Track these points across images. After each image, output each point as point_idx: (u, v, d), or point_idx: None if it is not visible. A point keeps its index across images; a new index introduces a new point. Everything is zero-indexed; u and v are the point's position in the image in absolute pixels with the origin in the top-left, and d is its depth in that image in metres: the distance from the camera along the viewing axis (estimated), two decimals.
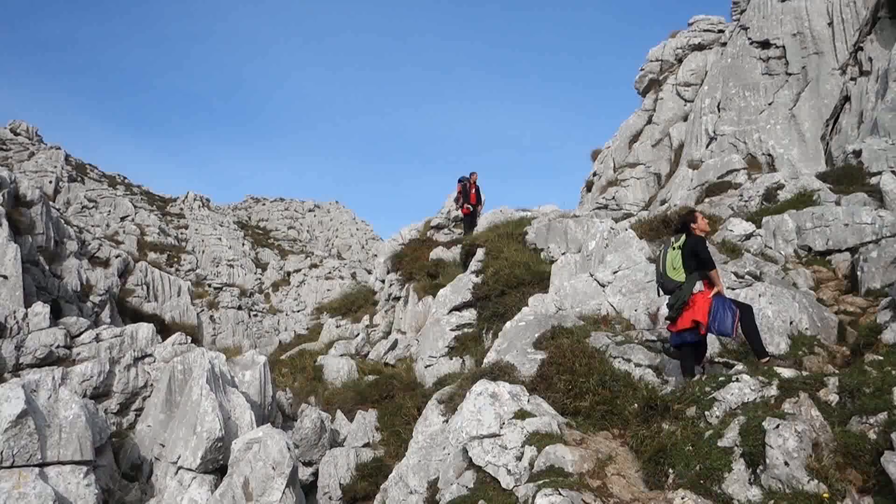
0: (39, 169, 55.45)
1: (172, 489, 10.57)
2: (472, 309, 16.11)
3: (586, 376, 8.21)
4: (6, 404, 10.21)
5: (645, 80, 31.80)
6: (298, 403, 15.91)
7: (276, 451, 9.75)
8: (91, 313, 25.21)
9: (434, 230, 25.67)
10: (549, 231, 17.62)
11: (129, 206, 57.81)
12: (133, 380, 15.51)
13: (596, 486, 6.12)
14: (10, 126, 67.98)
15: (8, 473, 9.76)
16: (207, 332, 41.06)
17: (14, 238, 21.25)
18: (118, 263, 32.21)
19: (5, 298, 19.19)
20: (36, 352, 16.07)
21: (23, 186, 24.69)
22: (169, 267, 48.59)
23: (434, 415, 10.02)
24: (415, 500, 8.12)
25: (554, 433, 7.07)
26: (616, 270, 12.05)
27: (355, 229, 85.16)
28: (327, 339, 21.22)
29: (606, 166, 31.49)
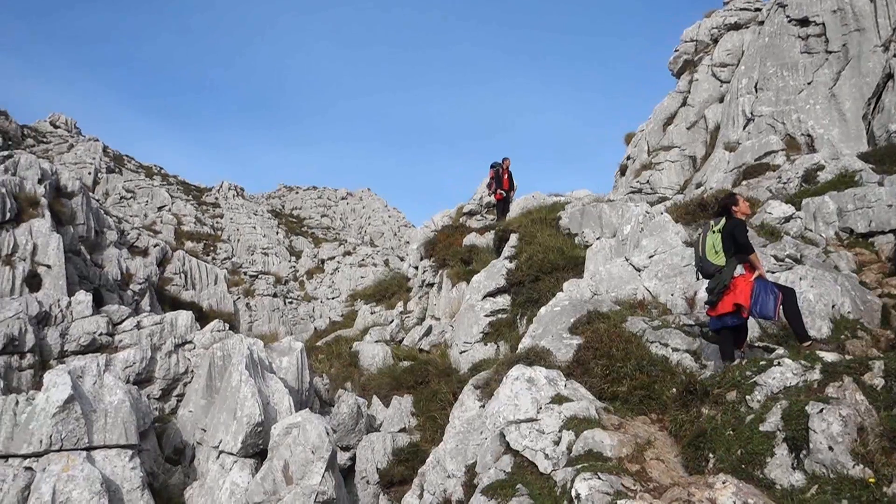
0: (79, 161, 56.60)
1: (214, 473, 10.80)
2: (506, 295, 16.09)
3: (623, 361, 8.17)
4: (53, 390, 10.52)
5: (679, 62, 31.29)
6: (335, 389, 16.10)
7: (315, 435, 9.90)
8: (131, 301, 25.78)
9: (466, 216, 25.67)
10: (584, 216, 17.51)
11: (166, 196, 58.78)
12: (174, 366, 15.83)
13: (635, 471, 6.11)
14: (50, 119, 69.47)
15: (57, 457, 10.07)
16: (244, 319, 41.69)
17: (56, 228, 21.77)
18: (156, 252, 32.86)
19: (49, 288, 19.70)
20: (80, 339, 16.47)
21: (63, 178, 25.25)
22: (205, 255, 49.36)
23: (470, 400, 10.07)
24: (453, 485, 8.18)
25: (592, 418, 7.06)
26: (652, 255, 11.93)
27: (387, 217, 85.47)
28: (362, 325, 21.39)
29: (640, 150, 31.11)
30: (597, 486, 5.63)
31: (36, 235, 20.48)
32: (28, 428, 10.36)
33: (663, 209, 15.18)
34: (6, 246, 19.66)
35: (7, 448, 10.38)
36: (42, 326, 16.50)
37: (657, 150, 29.22)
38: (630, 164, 31.54)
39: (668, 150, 28.54)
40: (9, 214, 20.47)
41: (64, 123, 68.15)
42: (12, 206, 20.74)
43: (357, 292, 29.48)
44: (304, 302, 50.97)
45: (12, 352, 15.38)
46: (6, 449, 10.38)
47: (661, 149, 29.04)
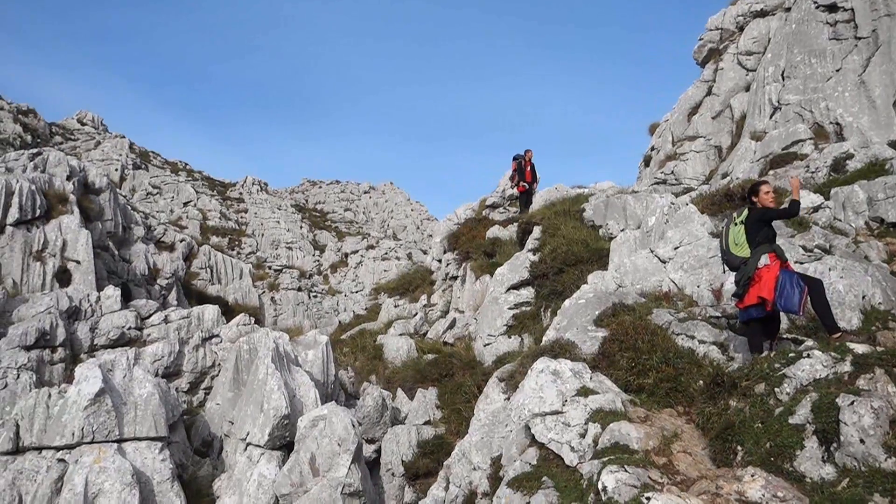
0: (105, 157, 57.37)
1: (242, 464, 10.93)
2: (530, 287, 16.06)
3: (649, 353, 8.12)
4: (85, 383, 10.71)
5: (704, 50, 30.87)
6: (360, 382, 16.20)
7: (340, 428, 9.97)
8: (159, 296, 26.11)
9: (489, 209, 25.64)
10: (608, 207, 17.39)
11: (192, 192, 59.38)
12: (201, 359, 16.03)
13: (662, 464, 6.08)
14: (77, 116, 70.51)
15: (89, 449, 10.26)
16: (269, 313, 42.05)
17: (85, 224, 22.09)
18: (183, 247, 33.22)
19: (79, 283, 20.02)
20: (109, 333, 16.73)
21: (91, 174, 25.59)
22: (230, 250, 49.83)
23: (495, 392, 10.08)
24: (478, 477, 8.20)
25: (618, 410, 7.03)
26: (677, 246, 11.83)
27: (410, 210, 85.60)
28: (386, 318, 21.47)
29: (665, 140, 30.79)
30: (623, 479, 5.61)
31: (65, 231, 20.81)
32: (60, 420, 10.56)
33: (688, 200, 15.04)
34: (37, 242, 20.00)
35: (40, 440, 10.59)
36: (72, 321, 16.78)
37: (682, 141, 28.91)
38: (654, 154, 31.24)
39: (692, 140, 28.21)
40: (38, 211, 20.82)
41: (91, 121, 69.18)
42: (42, 202, 21.09)
43: (380, 286, 29.57)
44: (328, 296, 51.29)
45: (44, 346, 15.67)
46: (40, 441, 10.60)
47: (685, 139, 28.73)
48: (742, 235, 7.81)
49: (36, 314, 16.26)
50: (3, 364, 14.64)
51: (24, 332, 15.41)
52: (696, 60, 31.97)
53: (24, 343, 15.30)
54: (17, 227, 19.96)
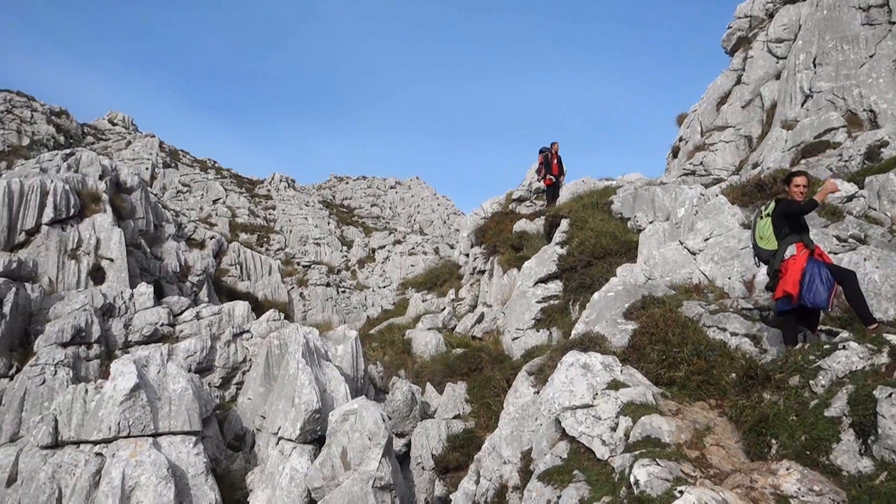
0: (136, 157, 58.23)
1: (274, 458, 11.06)
2: (558, 280, 16.00)
3: (680, 346, 8.05)
4: (120, 379, 10.91)
5: (733, 39, 30.40)
6: (389, 376, 16.28)
7: (371, 422, 10.04)
8: (190, 293, 26.48)
9: (516, 203, 25.58)
10: (636, 199, 17.24)
11: (220, 190, 60.07)
12: (233, 355, 16.22)
13: (694, 457, 6.03)
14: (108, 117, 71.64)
15: (125, 443, 10.46)
16: (298, 308, 42.42)
17: (117, 223, 22.47)
18: (213, 245, 33.64)
19: (112, 280, 20.38)
20: (142, 329, 17.00)
21: (123, 174, 26.00)
22: (259, 247, 50.33)
23: (524, 386, 10.08)
24: (509, 470, 8.21)
25: (649, 403, 6.98)
26: (707, 238, 11.70)
27: (436, 205, 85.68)
28: (414, 313, 21.54)
29: (693, 131, 30.40)
30: (656, 473, 5.58)
31: (99, 230, 21.18)
32: (97, 415, 10.77)
33: (718, 191, 14.85)
34: (71, 241, 20.38)
35: (78, 434, 10.82)
36: (107, 318, 17.09)
37: (711, 131, 28.53)
38: (682, 145, 30.88)
39: (722, 130, 27.83)
40: (73, 210, 21.21)
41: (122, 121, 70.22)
42: (76, 202, 21.48)
43: (408, 280, 29.67)
44: (356, 291, 51.58)
45: (79, 342, 15.98)
46: (78, 435, 10.83)
47: (714, 129, 28.34)
48: (768, 228, 7.70)
49: (71, 311, 16.59)
50: (41, 360, 14.97)
51: (61, 329, 15.73)
52: (725, 49, 31.51)
53: (61, 340, 15.62)
54: (52, 226, 20.36)
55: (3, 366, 15.63)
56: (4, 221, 19.74)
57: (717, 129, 28.50)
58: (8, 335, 15.96)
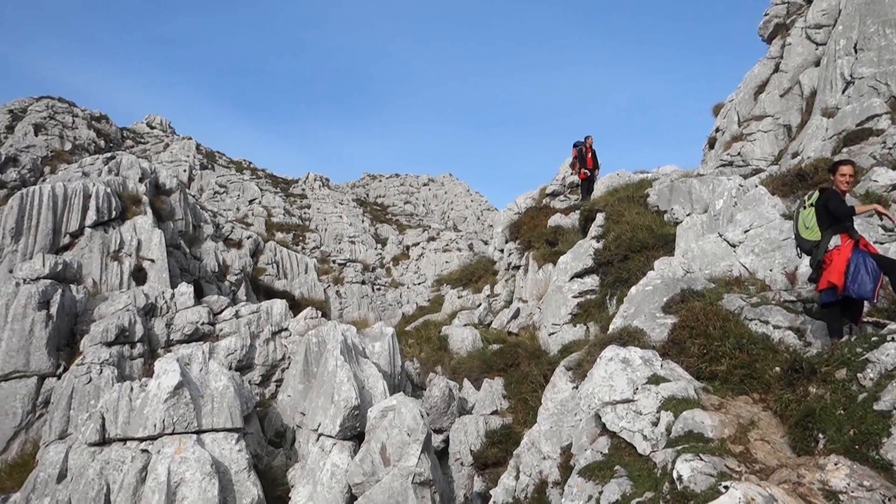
0: (174, 159, 59.23)
1: (315, 454, 11.18)
2: (594, 275, 15.89)
3: (721, 340, 7.93)
4: (164, 377, 11.13)
5: (770, 26, 29.80)
6: (426, 373, 16.34)
7: (410, 418, 10.09)
8: (228, 292, 26.88)
9: (550, 197, 25.44)
10: (672, 192, 17.02)
11: (256, 190, 60.81)
12: (272, 353, 16.43)
13: (738, 452, 5.94)
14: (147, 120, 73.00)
15: (170, 440, 10.67)
16: (334, 306, 42.76)
17: (157, 224, 22.90)
18: (250, 244, 34.06)
19: (154, 280, 20.78)
20: (184, 328, 17.31)
21: (162, 176, 26.48)
22: (295, 245, 50.85)
23: (562, 381, 10.03)
24: (548, 466, 8.19)
25: (690, 398, 6.90)
26: (747, 229, 11.50)
27: (469, 201, 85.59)
28: (450, 309, 21.58)
29: (730, 121, 29.89)
30: (699, 468, 5.51)
31: (140, 231, 21.62)
32: (143, 413, 11.01)
33: (758, 181, 14.60)
34: (114, 242, 20.84)
35: (125, 432, 11.07)
36: (149, 317, 17.44)
37: (748, 121, 28.01)
38: (719, 136, 30.38)
39: (759, 119, 27.30)
40: (114, 213, 21.68)
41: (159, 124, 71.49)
42: (117, 204, 21.94)
43: (443, 277, 29.73)
44: (391, 288, 51.82)
45: (123, 342, 16.34)
46: (124, 433, 11.08)
47: (752, 119, 27.83)
48: (812, 218, 7.52)
49: (115, 311, 16.96)
50: (87, 360, 15.34)
51: (105, 328, 16.10)
52: (762, 37, 30.91)
53: (106, 339, 15.99)
54: (94, 228, 20.83)
55: (51, 365, 16.06)
56: (50, 225, 20.26)
57: (754, 119, 27.99)
58: (55, 335, 16.38)
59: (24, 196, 20.46)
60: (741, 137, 27.55)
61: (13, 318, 16.04)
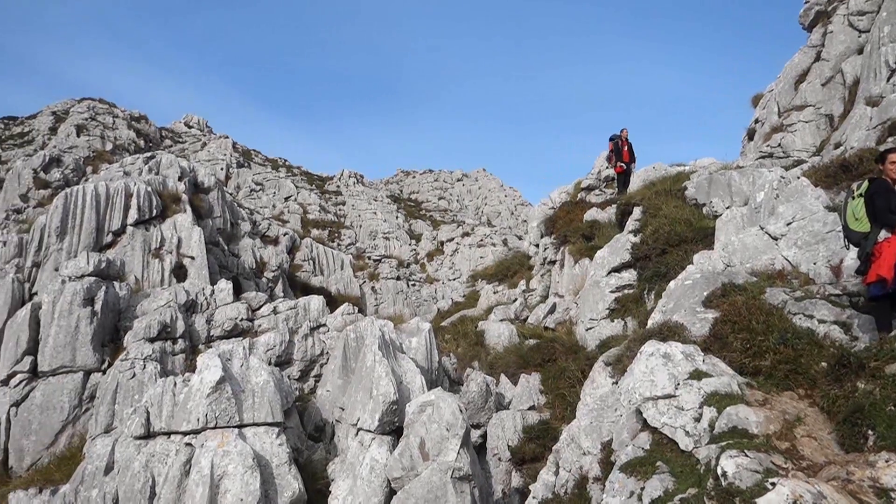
0: (211, 157, 60.15)
1: (354, 449, 11.29)
2: (632, 269, 15.74)
3: (765, 334, 7.80)
4: (206, 372, 11.33)
5: (811, 13, 29.15)
6: (462, 368, 16.36)
7: (448, 413, 10.12)
8: (266, 288, 27.22)
9: (585, 192, 25.25)
10: (711, 185, 16.77)
11: (292, 187, 61.46)
12: (310, 348, 16.61)
13: (785, 448, 5.84)
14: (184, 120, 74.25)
15: (213, 433, 10.86)
16: (370, 302, 43.04)
17: (196, 222, 23.27)
18: (286, 241, 34.45)
19: (194, 277, 21.13)
20: (223, 325, 17.57)
21: (200, 174, 26.90)
22: (330, 242, 51.29)
23: (601, 377, 9.97)
24: (589, 461, 8.15)
25: (734, 393, 6.81)
26: (790, 222, 11.28)
27: (503, 196, 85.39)
28: (485, 304, 21.57)
29: (770, 111, 29.32)
30: (744, 464, 5.44)
31: (179, 229, 22.00)
32: (186, 407, 11.22)
33: (800, 173, 14.30)
34: (155, 240, 21.24)
35: (169, 426, 11.30)
36: (190, 313, 17.75)
37: (789, 111, 27.46)
38: (758, 127, 29.84)
39: (800, 109, 26.74)
40: (155, 211, 22.09)
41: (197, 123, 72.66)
42: (157, 203, 22.35)
43: (478, 272, 29.72)
44: (425, 284, 51.97)
45: (165, 338, 16.66)
46: (168, 426, 11.31)
47: (792, 109, 27.26)
48: (861, 209, 7.35)
49: (157, 308, 17.30)
50: (131, 355, 15.68)
51: (148, 325, 16.43)
52: (802, 25, 30.26)
53: (148, 335, 16.32)
54: (136, 226, 21.25)
55: (97, 360, 16.44)
56: (93, 223, 20.72)
57: (795, 109, 27.42)
58: (100, 331, 16.77)
59: (69, 196, 20.96)
60: (781, 128, 27.02)
61: (59, 314, 16.45)
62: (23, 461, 15.49)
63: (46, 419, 15.76)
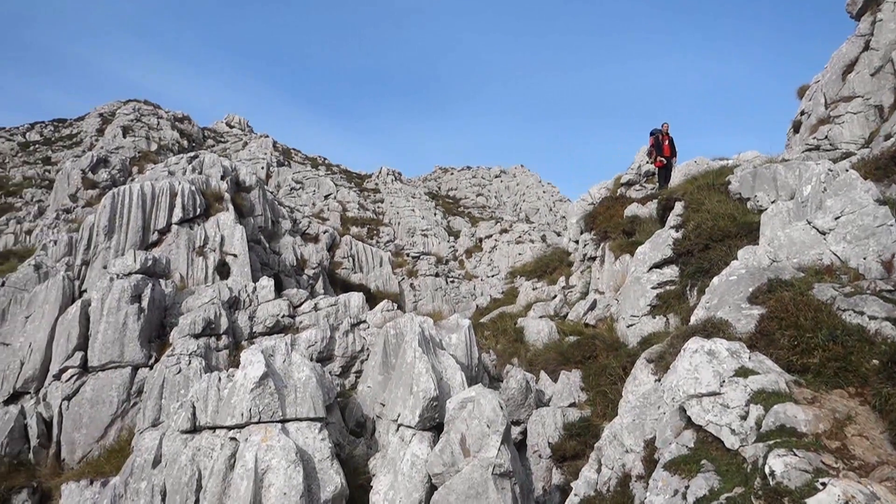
0: (252, 157, 61.03)
1: (395, 445, 11.36)
2: (674, 265, 15.54)
3: (813, 331, 7.62)
4: (250, 367, 11.51)
5: (859, 1, 28.34)
6: (502, 365, 16.35)
7: (489, 409, 10.12)
8: (307, 285, 27.54)
9: (625, 187, 24.98)
10: (755, 178, 16.44)
11: (331, 185, 62.03)
12: (351, 344, 16.76)
13: (835, 448, 5.71)
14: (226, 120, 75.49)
15: (256, 428, 11.03)
16: (408, 298, 43.25)
17: (239, 220, 23.65)
18: (326, 238, 34.80)
19: (236, 275, 21.48)
20: (265, 321, 17.83)
21: (241, 173, 27.31)
22: (370, 239, 51.63)
23: (643, 374, 9.86)
24: (631, 459, 8.07)
25: (781, 391, 6.67)
26: (838, 216, 11.00)
27: (542, 192, 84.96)
28: (524, 301, 21.49)
29: (816, 103, 28.61)
30: (793, 464, 5.33)
31: (222, 227, 22.38)
32: (230, 402, 11.41)
33: (848, 166, 13.97)
34: (199, 238, 21.65)
35: (214, 420, 11.51)
36: (233, 310, 18.06)
37: (836, 102, 26.75)
38: (804, 119, 29.14)
39: (848, 100, 26.03)
40: (199, 210, 22.52)
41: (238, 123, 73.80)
42: (201, 201, 22.78)
43: (516, 269, 29.62)
44: (464, 280, 52.01)
45: (209, 334, 16.98)
46: (213, 421, 11.52)
47: (840, 100, 26.56)
48: None
49: (201, 305, 17.63)
50: (177, 351, 16.02)
51: (193, 321, 16.76)
52: (850, 13, 29.46)
53: (193, 331, 16.65)
54: (181, 225, 21.69)
55: (144, 356, 16.84)
56: (139, 222, 21.21)
57: (842, 100, 26.72)
58: (147, 328, 17.16)
59: (116, 196, 21.48)
60: (828, 120, 26.36)
61: (108, 311, 16.89)
62: (74, 454, 15.96)
63: (96, 413, 16.21)
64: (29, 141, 63.44)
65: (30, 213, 42.29)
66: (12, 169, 54.71)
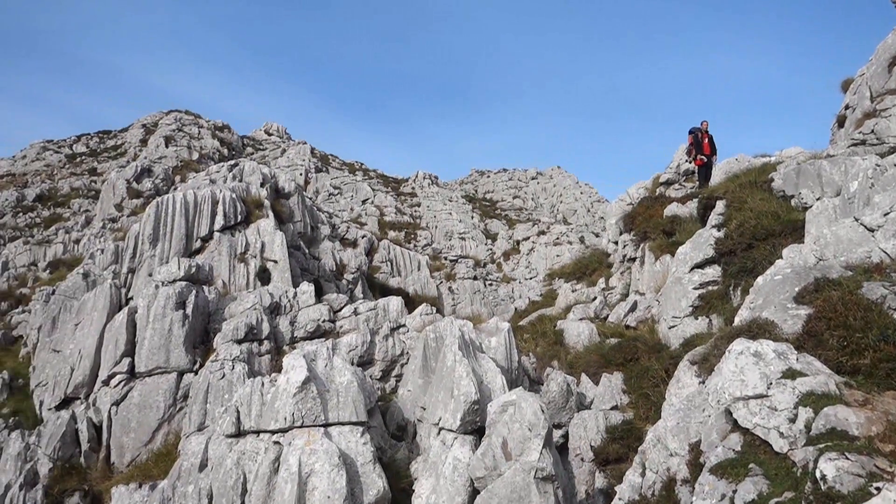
0: (290, 163, 61.83)
1: (437, 448, 11.38)
2: (716, 265, 15.29)
3: (863, 331, 7.43)
4: (292, 372, 11.65)
5: None
6: (542, 368, 16.26)
7: (530, 413, 10.08)
8: (346, 290, 27.77)
9: (664, 186, 24.69)
10: (799, 175, 16.10)
11: (368, 190, 62.50)
12: (391, 348, 16.85)
13: (889, 451, 5.55)
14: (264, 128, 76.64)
15: (299, 432, 11.16)
16: (447, 302, 43.30)
17: (278, 226, 23.96)
18: (364, 243, 35.06)
19: (277, 280, 21.77)
20: (306, 326, 18.02)
21: (281, 180, 27.67)
22: (407, 243, 51.86)
23: (687, 376, 9.73)
24: (676, 463, 7.96)
25: (831, 393, 6.51)
26: (887, 212, 10.71)
27: (579, 193, 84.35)
28: (564, 303, 21.35)
29: (861, 96, 27.90)
30: (845, 468, 5.20)
31: (263, 234, 22.71)
32: (273, 407, 11.57)
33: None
34: (240, 245, 22.00)
35: (258, 424, 11.68)
36: (274, 316, 18.30)
37: (882, 95, 26.05)
38: (849, 113, 28.43)
39: (895, 93, 25.34)
40: (240, 217, 22.88)
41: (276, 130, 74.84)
42: (242, 209, 23.14)
43: (554, 271, 29.45)
44: (502, 283, 51.89)
45: (252, 339, 17.23)
46: (257, 425, 11.69)
47: (886, 93, 25.85)
48: None
49: (244, 311, 17.90)
50: (220, 356, 16.29)
51: (235, 327, 17.03)
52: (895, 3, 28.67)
53: (236, 337, 16.92)
54: (222, 232, 22.07)
55: (189, 361, 17.16)
56: (183, 230, 21.64)
57: (889, 93, 25.99)
58: (191, 334, 17.50)
59: (160, 204, 21.95)
60: (874, 114, 25.66)
61: (154, 318, 17.26)
62: (123, 457, 16.34)
63: (144, 417, 16.57)
64: (76, 153, 65.16)
65: (77, 223, 43.47)
66: (60, 180, 56.28)
